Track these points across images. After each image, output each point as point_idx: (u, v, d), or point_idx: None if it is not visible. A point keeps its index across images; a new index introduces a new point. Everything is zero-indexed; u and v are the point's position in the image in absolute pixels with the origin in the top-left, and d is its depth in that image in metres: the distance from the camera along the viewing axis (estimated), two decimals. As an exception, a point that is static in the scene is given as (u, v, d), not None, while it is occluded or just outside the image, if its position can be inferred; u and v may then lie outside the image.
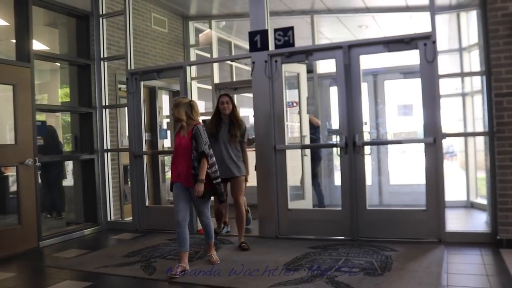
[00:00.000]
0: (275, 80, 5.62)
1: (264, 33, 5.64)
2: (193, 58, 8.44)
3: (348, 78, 5.30)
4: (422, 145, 5.21)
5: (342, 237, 5.31)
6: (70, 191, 6.90)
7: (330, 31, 8.48)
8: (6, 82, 5.44)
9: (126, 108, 6.58)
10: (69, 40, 6.64)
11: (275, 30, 5.59)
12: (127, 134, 6.75)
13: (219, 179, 4.48)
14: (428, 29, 5.06)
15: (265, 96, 5.63)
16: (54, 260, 5.04)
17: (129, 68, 6.41)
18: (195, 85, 7.60)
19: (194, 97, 6.72)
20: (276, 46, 5.58)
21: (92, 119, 6.54)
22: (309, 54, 5.56)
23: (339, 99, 5.38)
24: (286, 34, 5.55)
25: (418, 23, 8.15)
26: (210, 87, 8.35)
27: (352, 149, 5.28)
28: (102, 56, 6.58)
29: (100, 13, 6.59)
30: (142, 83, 6.43)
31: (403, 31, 8.23)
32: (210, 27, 8.33)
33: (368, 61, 5.93)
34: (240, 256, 4.88)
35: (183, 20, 8.40)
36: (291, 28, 5.56)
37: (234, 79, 8.76)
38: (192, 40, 8.46)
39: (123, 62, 6.72)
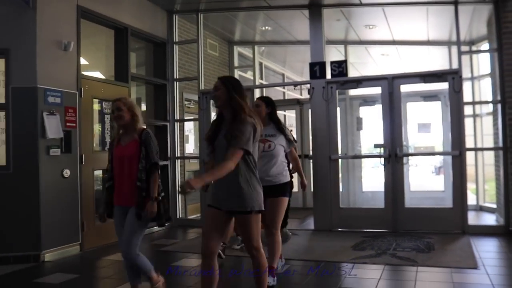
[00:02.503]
0: (330, 102, 7.32)
1: (322, 64, 7.35)
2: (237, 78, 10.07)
3: (391, 103, 7.06)
4: (435, 159, 7.00)
5: (385, 230, 7.00)
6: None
7: (355, 57, 10.26)
8: (109, 99, 6.97)
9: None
10: (146, 62, 8.20)
11: (331, 62, 7.32)
12: (191, 144, 8.34)
13: (160, 198, 3.74)
14: (441, 61, 6.87)
15: (322, 115, 7.32)
16: (160, 246, 6.56)
17: (200, 88, 8.03)
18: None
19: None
20: (332, 75, 7.30)
21: (166, 131, 8.09)
22: (359, 83, 7.32)
23: (384, 118, 7.12)
24: (340, 66, 7.28)
25: (434, 56, 10.08)
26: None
27: (394, 159, 7.01)
28: (175, 77, 8.16)
29: (175, 40, 8.20)
30: (211, 101, 8.05)
31: (420, 62, 10.15)
32: (253, 51, 10.02)
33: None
34: (311, 242, 6.51)
35: (229, 44, 10.07)
36: (345, 61, 7.31)
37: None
38: (236, 63, 10.11)
39: (188, 82, 8.34)
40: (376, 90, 7.39)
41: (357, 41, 9.35)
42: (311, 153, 8.69)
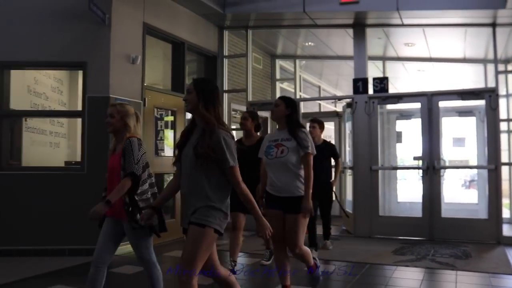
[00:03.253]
0: (372, 116, 7.87)
1: (365, 80, 7.91)
2: (278, 91, 10.70)
3: (430, 118, 7.57)
4: (465, 173, 7.46)
5: (423, 238, 7.48)
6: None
7: (392, 72, 10.78)
8: (170, 108, 7.66)
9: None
10: (198, 74, 8.86)
11: (374, 79, 7.88)
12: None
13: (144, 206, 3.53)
14: (474, 77, 7.36)
15: (364, 128, 7.87)
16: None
17: (249, 99, 8.66)
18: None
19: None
20: (374, 91, 7.85)
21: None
22: (400, 98, 7.86)
23: (422, 133, 7.63)
24: (382, 82, 7.83)
25: (468, 73, 10.56)
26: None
27: (432, 171, 7.51)
28: (225, 88, 8.81)
29: (225, 54, 8.86)
30: (259, 112, 8.68)
31: (455, 78, 10.64)
32: (294, 65, 10.64)
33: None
34: (353, 246, 7.04)
35: (271, 58, 10.70)
36: (386, 78, 7.86)
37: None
38: (278, 75, 10.73)
39: (235, 93, 9.00)
40: (412, 105, 7.92)
41: (395, 57, 9.89)
42: (348, 163, 9.28)
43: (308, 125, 6.52)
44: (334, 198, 6.92)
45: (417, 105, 7.80)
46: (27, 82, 7.19)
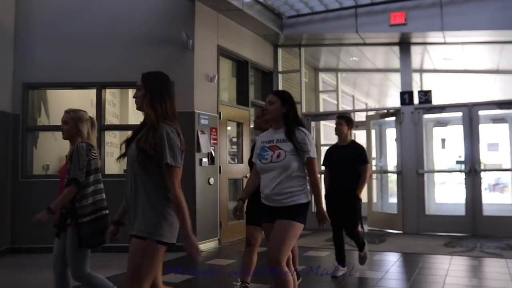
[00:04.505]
0: (417, 125, 8.90)
1: (411, 93, 8.95)
2: (321, 102, 11.74)
3: (471, 126, 8.58)
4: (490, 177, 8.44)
5: (466, 234, 8.46)
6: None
7: (428, 82, 11.81)
8: (237, 120, 8.73)
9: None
10: (255, 88, 9.93)
11: (419, 91, 8.92)
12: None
13: (89, 218, 3.49)
14: (507, 86, 8.37)
15: (411, 136, 8.90)
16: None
17: (303, 111, 9.73)
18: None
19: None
20: (419, 102, 8.88)
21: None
22: (443, 109, 8.89)
23: (464, 139, 8.64)
24: (426, 94, 8.87)
25: (500, 83, 11.57)
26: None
27: (474, 174, 8.51)
28: (280, 101, 9.87)
29: (279, 70, 9.94)
30: (313, 122, 9.74)
31: (488, 88, 11.66)
32: (337, 78, 11.71)
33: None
34: (405, 241, 8.04)
35: (314, 71, 11.77)
36: (430, 91, 8.89)
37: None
38: (321, 87, 11.78)
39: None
40: (449, 114, 9.01)
41: (432, 70, 10.92)
42: (388, 168, 10.33)
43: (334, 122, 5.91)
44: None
45: (456, 114, 8.84)
46: (90, 97, 8.16)
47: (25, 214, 5.87)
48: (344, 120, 5.77)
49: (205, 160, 7.61)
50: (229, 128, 8.73)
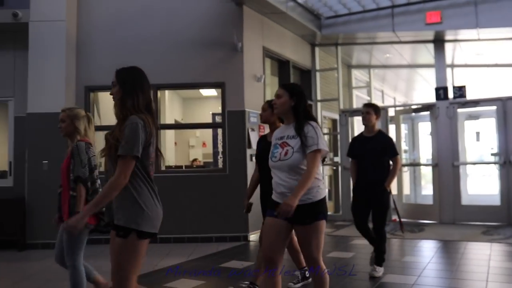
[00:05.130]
0: (452, 119, 9.36)
1: (445, 88, 9.41)
2: (354, 98, 12.23)
3: (505, 119, 9.02)
4: None
5: (501, 223, 8.92)
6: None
7: (458, 77, 12.23)
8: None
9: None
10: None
11: (454, 87, 9.37)
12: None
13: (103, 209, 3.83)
14: None
15: (446, 130, 9.36)
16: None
17: (341, 107, 10.25)
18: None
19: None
20: (454, 97, 9.34)
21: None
22: (477, 103, 9.33)
23: (498, 132, 9.08)
24: (460, 89, 9.32)
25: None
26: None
27: (508, 165, 8.96)
28: (318, 98, 10.40)
29: (317, 68, 10.45)
30: (349, 118, 10.25)
31: None
32: (369, 74, 12.19)
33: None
34: (444, 230, 8.53)
35: (347, 68, 12.25)
36: (464, 86, 9.34)
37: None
38: (354, 84, 12.27)
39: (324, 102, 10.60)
40: (481, 108, 9.46)
41: (463, 65, 11.34)
42: (421, 161, 10.81)
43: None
44: (392, 205, 5.73)
45: (488, 108, 9.30)
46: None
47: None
48: (372, 109, 5.47)
49: (255, 156, 8.16)
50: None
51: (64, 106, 4.23)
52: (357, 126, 11.50)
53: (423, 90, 14.63)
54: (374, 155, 5.34)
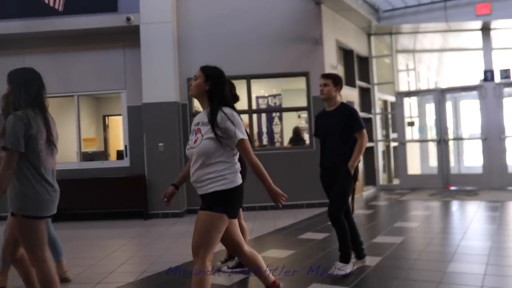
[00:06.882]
0: (498, 98, 10.83)
1: (491, 71, 10.87)
2: (400, 81, 13.65)
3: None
4: None
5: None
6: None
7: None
8: (349, 100, 10.70)
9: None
10: (351, 72, 11.88)
11: (500, 70, 10.82)
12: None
13: None
14: None
15: (493, 108, 10.85)
16: (389, 201, 10.25)
17: (396, 89, 11.71)
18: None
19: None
20: (501, 78, 10.80)
21: (371, 121, 11.75)
22: (521, 83, 10.83)
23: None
24: (506, 72, 10.78)
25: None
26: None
27: (548, 137, 10.48)
28: (375, 82, 11.83)
29: (373, 55, 11.88)
30: (404, 99, 11.71)
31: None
32: (414, 60, 13.62)
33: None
34: (494, 194, 10.03)
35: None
36: (509, 69, 10.79)
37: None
38: (400, 67, 13.71)
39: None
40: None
41: (503, 47, 12.78)
42: (463, 136, 12.28)
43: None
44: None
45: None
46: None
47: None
48: (331, 80, 4.86)
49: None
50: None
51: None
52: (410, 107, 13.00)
53: (466, 72, 16.01)
54: (335, 132, 4.79)
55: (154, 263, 5.54)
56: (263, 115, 10.79)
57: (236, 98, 4.84)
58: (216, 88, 3.33)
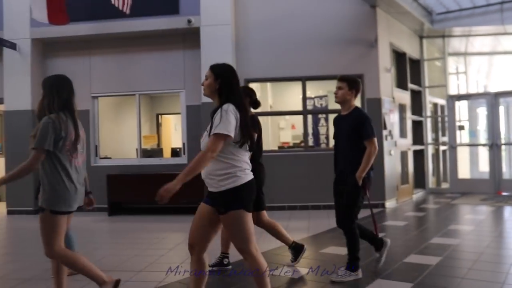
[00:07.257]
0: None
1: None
2: (450, 84, 13.65)
3: None
4: None
5: None
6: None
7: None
8: (399, 102, 10.83)
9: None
10: (404, 75, 11.96)
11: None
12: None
13: None
14: None
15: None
16: (440, 204, 10.32)
17: (448, 93, 11.74)
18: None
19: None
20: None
21: (422, 124, 11.82)
22: None
23: None
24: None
25: None
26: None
27: None
28: (426, 85, 11.89)
29: (425, 58, 11.95)
30: (455, 102, 11.75)
31: None
32: (465, 62, 13.58)
33: None
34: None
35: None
36: None
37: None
38: (450, 70, 13.70)
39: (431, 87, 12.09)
40: None
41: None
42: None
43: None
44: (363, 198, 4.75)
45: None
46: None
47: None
48: (346, 83, 4.78)
49: (389, 136, 9.80)
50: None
51: None
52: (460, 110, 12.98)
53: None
54: (345, 136, 4.78)
55: (216, 256, 5.56)
56: (309, 116, 11.04)
57: (257, 104, 4.98)
58: (226, 86, 3.35)
